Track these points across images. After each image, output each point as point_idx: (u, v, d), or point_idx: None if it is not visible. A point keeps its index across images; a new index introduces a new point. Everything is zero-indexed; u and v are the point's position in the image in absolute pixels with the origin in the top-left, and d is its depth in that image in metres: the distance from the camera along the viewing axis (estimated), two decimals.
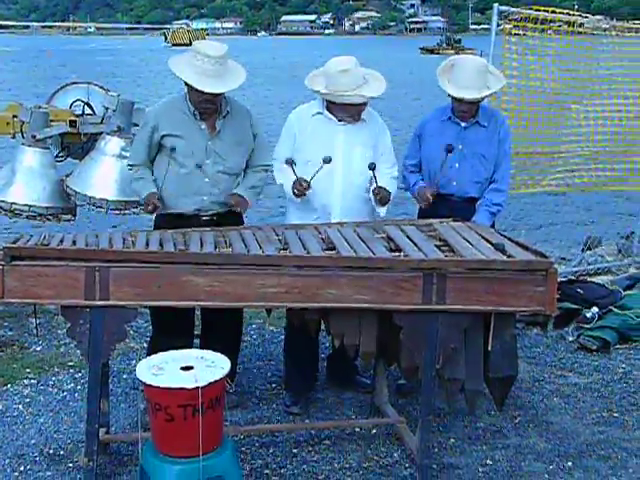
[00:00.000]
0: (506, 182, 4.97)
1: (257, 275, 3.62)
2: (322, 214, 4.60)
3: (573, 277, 6.92)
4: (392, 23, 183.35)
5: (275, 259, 3.69)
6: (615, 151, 7.17)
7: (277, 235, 4.11)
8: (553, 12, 6.62)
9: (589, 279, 6.91)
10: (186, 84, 4.41)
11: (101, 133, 5.56)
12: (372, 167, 4.53)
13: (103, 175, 5.40)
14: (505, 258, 3.78)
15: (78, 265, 3.56)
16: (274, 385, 5.02)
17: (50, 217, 5.57)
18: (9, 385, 4.94)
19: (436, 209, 4.73)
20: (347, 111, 4.57)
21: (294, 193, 4.56)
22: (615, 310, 5.98)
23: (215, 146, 4.49)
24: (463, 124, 4.83)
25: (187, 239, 4.02)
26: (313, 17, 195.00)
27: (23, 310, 5.89)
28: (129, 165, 4.67)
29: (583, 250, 8.21)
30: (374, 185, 4.60)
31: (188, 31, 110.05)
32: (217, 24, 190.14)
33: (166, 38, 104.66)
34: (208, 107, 4.43)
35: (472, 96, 4.68)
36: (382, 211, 4.71)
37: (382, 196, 4.59)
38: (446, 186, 4.83)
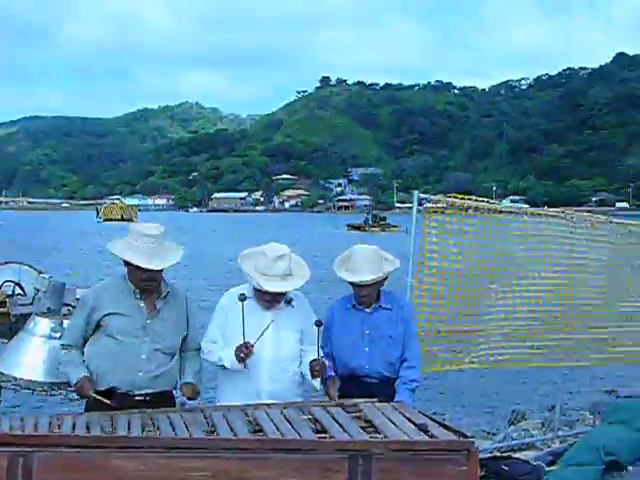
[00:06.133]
0: (417, 359, 5.13)
1: (184, 458, 3.61)
2: (252, 398, 4.61)
3: (498, 453, 7.00)
4: (320, 201, 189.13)
5: (202, 442, 3.71)
6: (534, 328, 7.40)
7: (205, 417, 4.14)
8: (469, 199, 7.01)
9: (514, 454, 7.00)
10: (126, 264, 4.57)
11: (31, 314, 5.58)
12: (318, 324, 4.66)
13: (31, 356, 5.37)
14: (428, 438, 3.87)
15: (1, 451, 3.51)
16: None
17: None
18: None
19: (353, 391, 4.81)
20: (264, 296, 4.70)
21: (238, 357, 4.57)
22: None
23: (154, 325, 4.60)
24: (368, 309, 5.05)
25: (114, 422, 4.02)
26: (244, 194, 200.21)
27: None
28: (61, 345, 4.72)
29: (508, 424, 8.34)
30: (312, 357, 4.65)
31: (120, 207, 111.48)
32: (149, 200, 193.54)
33: (98, 213, 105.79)
34: (150, 284, 4.57)
35: (365, 278, 4.91)
36: (317, 383, 4.75)
37: (320, 367, 4.64)
38: (359, 369, 4.99)
